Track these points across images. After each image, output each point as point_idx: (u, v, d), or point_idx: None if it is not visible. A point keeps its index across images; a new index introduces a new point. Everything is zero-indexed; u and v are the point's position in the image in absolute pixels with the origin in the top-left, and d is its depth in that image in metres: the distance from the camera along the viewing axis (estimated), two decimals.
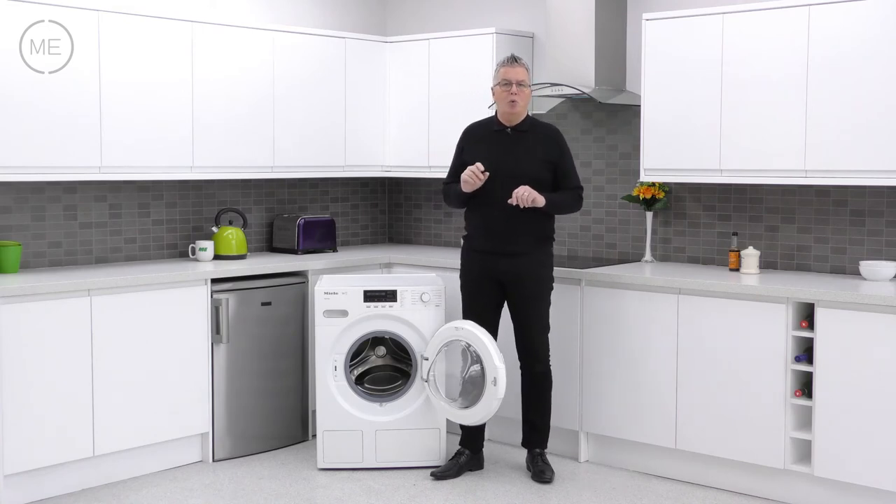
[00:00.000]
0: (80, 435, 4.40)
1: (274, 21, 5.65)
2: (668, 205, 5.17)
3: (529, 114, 4.67)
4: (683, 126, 4.73)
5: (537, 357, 4.59)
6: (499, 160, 4.50)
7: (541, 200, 4.40)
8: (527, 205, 4.38)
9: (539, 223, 4.53)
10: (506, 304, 4.67)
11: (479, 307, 4.63)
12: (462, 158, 4.64)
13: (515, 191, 4.37)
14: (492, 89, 4.60)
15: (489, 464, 4.82)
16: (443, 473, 4.64)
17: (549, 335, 4.68)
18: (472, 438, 4.74)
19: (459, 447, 4.75)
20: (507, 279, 4.54)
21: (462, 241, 4.75)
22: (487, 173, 4.45)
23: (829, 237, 4.70)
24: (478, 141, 4.62)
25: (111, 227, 5.09)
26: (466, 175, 4.45)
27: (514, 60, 4.52)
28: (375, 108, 5.89)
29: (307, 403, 5.25)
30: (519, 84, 4.47)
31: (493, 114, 4.67)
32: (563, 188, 4.56)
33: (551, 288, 4.64)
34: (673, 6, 5.00)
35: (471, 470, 4.72)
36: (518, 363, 4.65)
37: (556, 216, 4.70)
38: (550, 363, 4.66)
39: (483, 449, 4.80)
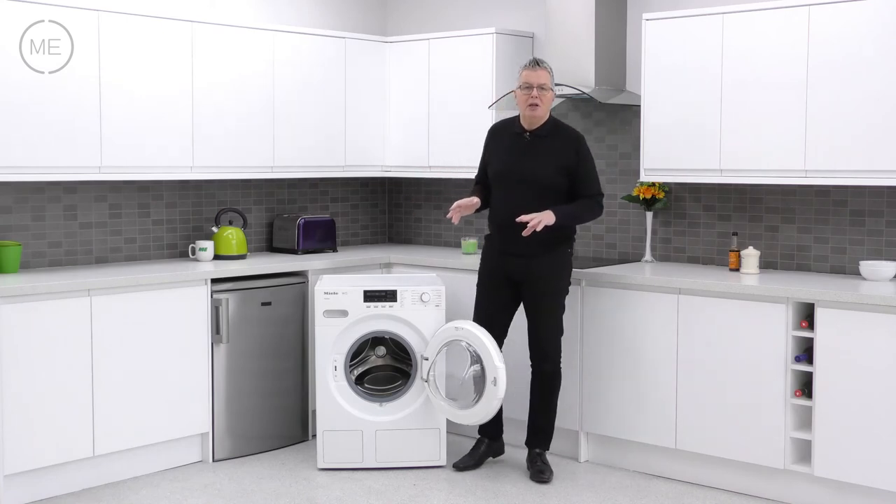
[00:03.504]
0: (80, 435, 4.40)
1: (274, 21, 5.65)
2: (668, 205, 5.17)
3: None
4: (683, 126, 4.73)
5: (547, 357, 4.59)
6: (513, 165, 4.53)
7: (550, 220, 4.36)
8: (538, 228, 4.35)
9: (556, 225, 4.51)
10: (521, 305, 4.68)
11: (491, 306, 4.65)
12: (485, 159, 4.72)
13: (527, 222, 4.34)
14: (514, 92, 4.58)
15: (490, 463, 4.82)
16: (464, 465, 4.71)
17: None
18: (490, 426, 4.78)
19: (479, 436, 4.82)
20: (522, 279, 4.56)
21: (484, 241, 4.78)
22: (476, 200, 4.57)
23: (829, 237, 4.70)
24: (498, 143, 4.66)
25: (111, 227, 5.09)
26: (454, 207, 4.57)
27: (536, 64, 4.49)
28: (375, 109, 5.89)
29: (307, 403, 5.25)
30: (540, 88, 4.44)
31: (517, 114, 4.64)
32: (580, 194, 4.52)
33: (566, 290, 4.64)
34: (673, 6, 5.00)
35: (493, 456, 4.82)
36: (528, 363, 4.65)
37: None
38: (561, 365, 4.66)
39: (503, 434, 4.86)
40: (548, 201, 4.44)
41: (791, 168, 4.44)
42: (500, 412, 4.76)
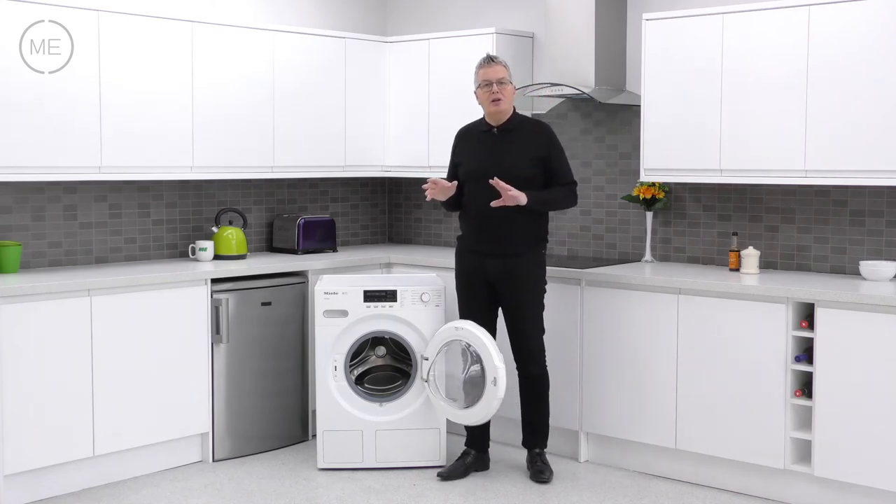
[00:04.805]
0: (80, 435, 4.41)
1: (274, 21, 5.65)
2: (668, 205, 5.17)
3: (521, 112, 4.65)
4: (683, 126, 4.73)
5: (532, 359, 4.58)
6: (485, 161, 4.51)
7: (522, 199, 4.36)
8: (509, 203, 4.34)
9: (531, 224, 4.51)
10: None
11: (474, 307, 4.62)
12: (454, 162, 4.70)
13: (501, 186, 4.34)
14: (474, 93, 4.60)
15: (490, 463, 4.81)
16: (449, 474, 4.63)
17: (550, 335, 4.68)
18: (477, 439, 4.73)
19: (465, 447, 4.75)
20: (498, 280, 4.53)
21: (456, 242, 4.76)
22: (454, 183, 4.54)
23: (829, 237, 4.70)
24: (467, 143, 4.66)
25: (111, 227, 5.10)
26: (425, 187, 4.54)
27: (490, 60, 4.53)
28: (375, 108, 5.89)
29: (307, 403, 5.25)
30: (499, 82, 4.46)
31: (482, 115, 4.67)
32: (555, 185, 4.53)
33: (544, 290, 4.62)
34: (673, 6, 5.00)
35: (477, 470, 4.71)
36: (514, 365, 4.64)
37: (551, 216, 4.70)
38: (547, 364, 4.64)
39: (489, 449, 4.79)
40: None
41: (791, 168, 4.44)
42: (487, 427, 4.71)
